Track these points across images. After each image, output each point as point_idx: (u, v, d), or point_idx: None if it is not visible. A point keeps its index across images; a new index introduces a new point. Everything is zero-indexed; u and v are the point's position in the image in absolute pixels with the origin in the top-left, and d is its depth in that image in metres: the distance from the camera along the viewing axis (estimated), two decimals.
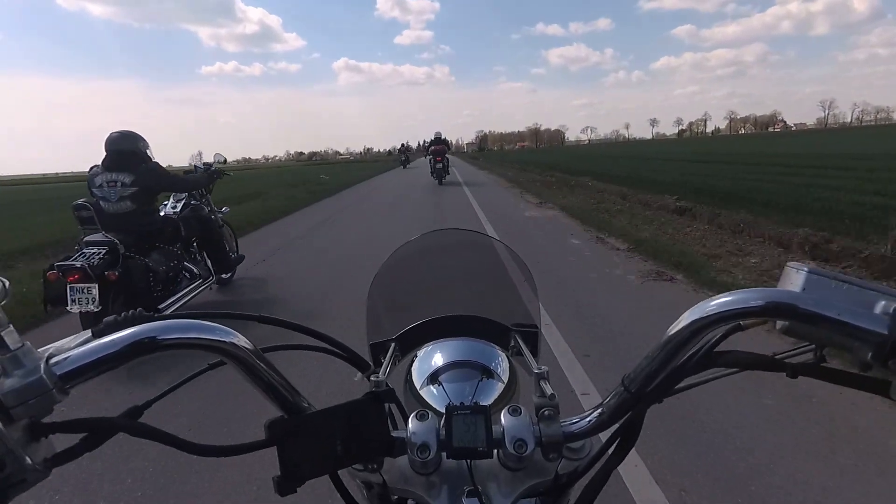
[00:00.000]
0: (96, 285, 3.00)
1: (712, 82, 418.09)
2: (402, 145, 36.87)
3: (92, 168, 3.58)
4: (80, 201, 3.29)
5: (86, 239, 3.25)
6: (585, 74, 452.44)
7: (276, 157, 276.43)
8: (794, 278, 0.37)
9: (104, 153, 3.52)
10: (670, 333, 0.40)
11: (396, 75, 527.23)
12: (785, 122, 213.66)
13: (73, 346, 0.36)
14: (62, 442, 0.35)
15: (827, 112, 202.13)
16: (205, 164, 4.69)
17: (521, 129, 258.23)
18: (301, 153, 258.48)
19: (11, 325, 0.33)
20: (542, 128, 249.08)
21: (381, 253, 0.79)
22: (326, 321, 3.61)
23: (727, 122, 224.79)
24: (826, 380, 0.38)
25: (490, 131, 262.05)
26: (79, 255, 3.10)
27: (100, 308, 3.02)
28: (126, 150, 3.52)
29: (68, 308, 3.03)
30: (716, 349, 0.40)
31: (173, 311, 3.52)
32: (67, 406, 0.36)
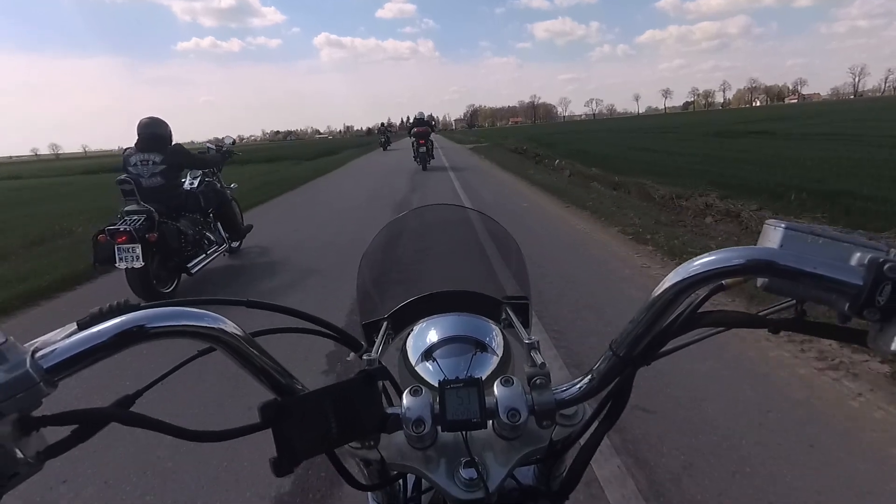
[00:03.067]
0: (139, 245, 3.65)
1: (697, 55, 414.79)
2: (382, 125, 33.73)
3: (126, 149, 4.23)
4: (122, 177, 3.90)
5: (126, 208, 3.87)
6: (571, 48, 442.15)
7: (251, 136, 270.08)
8: (773, 235, 0.38)
9: (136, 136, 4.15)
10: (654, 295, 0.40)
11: (380, 50, 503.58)
12: (800, 92, 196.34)
13: (60, 339, 0.36)
14: (53, 434, 0.35)
15: (857, 80, 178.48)
16: (216, 144, 5.30)
17: (512, 104, 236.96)
18: (277, 132, 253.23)
19: None
20: (539, 101, 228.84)
21: None
22: None
23: (734, 92, 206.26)
24: (807, 333, 0.39)
25: (481, 106, 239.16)
26: (122, 222, 3.73)
27: (143, 264, 3.67)
28: (156, 134, 4.18)
29: (116, 265, 3.67)
30: (700, 309, 0.42)
31: (199, 269, 4.22)
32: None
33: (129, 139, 4.30)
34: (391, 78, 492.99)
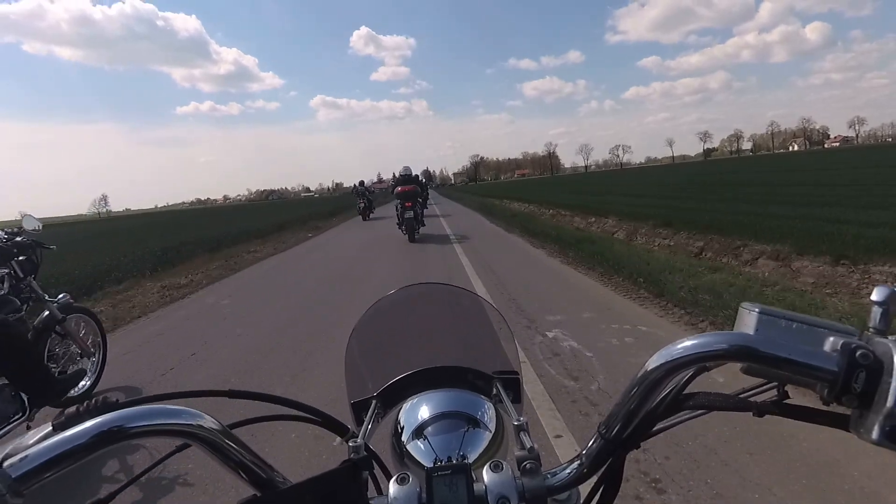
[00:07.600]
0: None
1: (681, 109, 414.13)
2: (361, 183, 21.69)
3: None
4: None
5: None
6: (560, 105, 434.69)
7: (237, 195, 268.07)
8: (748, 319, 0.38)
9: None
10: (638, 376, 0.40)
11: (375, 111, 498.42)
12: (827, 135, 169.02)
13: (32, 444, 0.35)
14: None
15: None
16: (9, 232, 3.21)
17: (514, 156, 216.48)
18: (264, 191, 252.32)
19: None
20: (554, 149, 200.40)
21: None
22: None
23: (755, 136, 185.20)
24: (789, 416, 0.39)
25: (483, 158, 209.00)
26: None
27: None
28: None
29: None
30: (685, 391, 0.41)
31: None
32: None
33: (130, 199, 2.28)
34: (386, 135, 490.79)
